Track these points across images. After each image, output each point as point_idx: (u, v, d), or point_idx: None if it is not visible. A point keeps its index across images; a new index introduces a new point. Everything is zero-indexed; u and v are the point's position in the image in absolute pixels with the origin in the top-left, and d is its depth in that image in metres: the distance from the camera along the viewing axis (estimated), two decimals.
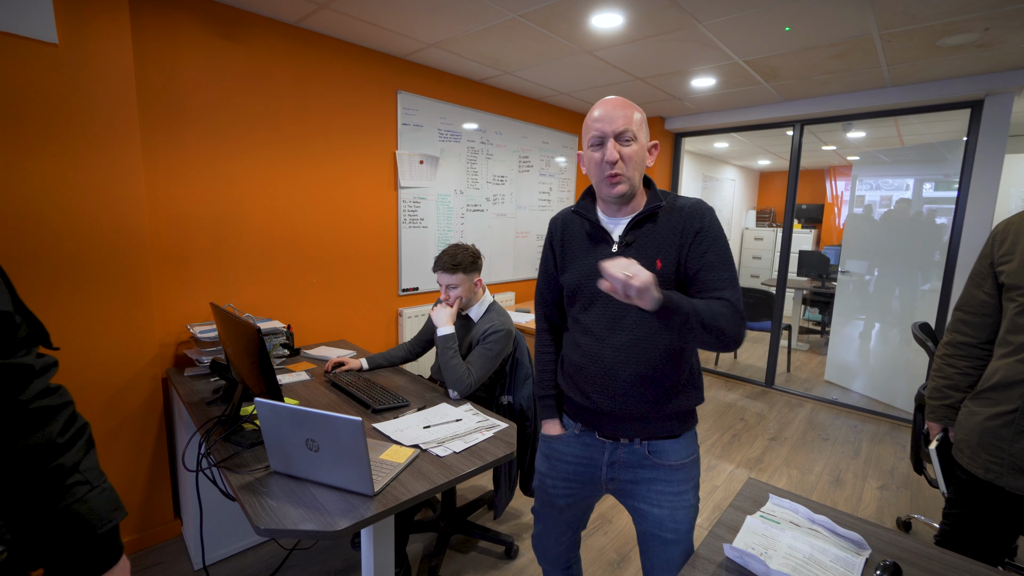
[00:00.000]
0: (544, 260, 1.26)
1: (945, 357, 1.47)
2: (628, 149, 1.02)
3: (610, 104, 1.04)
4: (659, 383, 1.07)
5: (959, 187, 3.11)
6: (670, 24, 2.20)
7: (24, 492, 0.64)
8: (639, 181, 1.06)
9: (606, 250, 1.09)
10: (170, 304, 2.06)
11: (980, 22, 2.07)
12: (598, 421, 1.15)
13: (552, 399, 1.27)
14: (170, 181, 2.02)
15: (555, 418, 1.26)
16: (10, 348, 0.65)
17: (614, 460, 1.14)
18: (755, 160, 6.96)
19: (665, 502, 1.11)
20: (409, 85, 2.82)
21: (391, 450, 1.37)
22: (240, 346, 1.40)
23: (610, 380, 1.08)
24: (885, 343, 3.81)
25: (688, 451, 1.13)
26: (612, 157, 1.01)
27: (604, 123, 1.02)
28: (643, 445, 1.11)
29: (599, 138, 1.04)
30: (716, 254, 1.02)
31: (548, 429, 1.27)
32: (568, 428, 1.23)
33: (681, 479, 1.12)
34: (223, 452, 1.36)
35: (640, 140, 1.04)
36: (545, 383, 1.28)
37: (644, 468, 1.12)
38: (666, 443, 1.11)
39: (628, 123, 1.02)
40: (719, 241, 1.04)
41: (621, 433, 1.12)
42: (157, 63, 1.94)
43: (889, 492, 2.56)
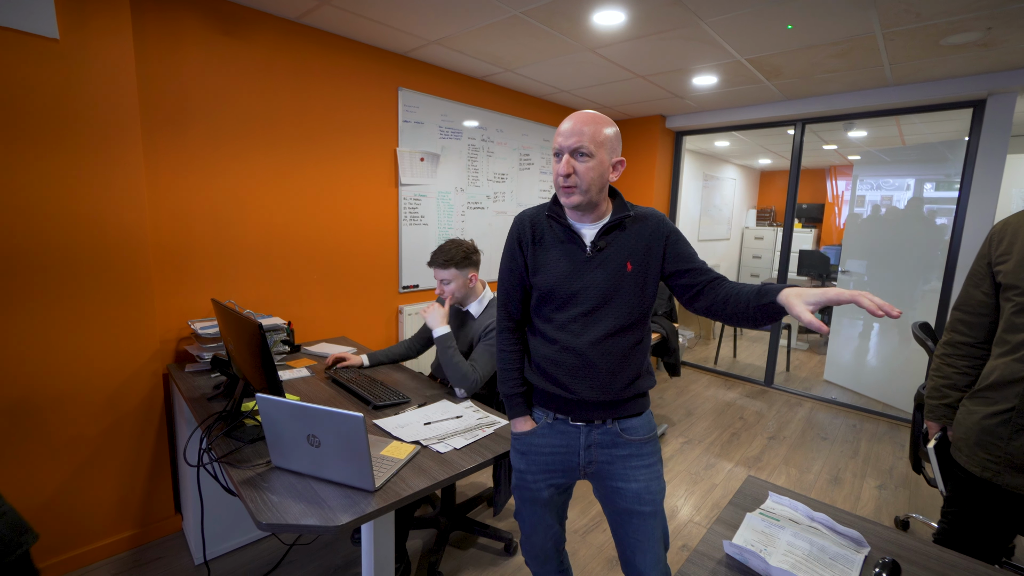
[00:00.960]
0: (511, 258, 1.25)
1: (944, 357, 1.47)
2: (582, 165, 1.09)
3: (576, 119, 1.11)
4: (628, 369, 1.18)
5: (960, 187, 3.11)
6: (672, 22, 2.20)
7: None
8: (596, 193, 1.13)
9: (579, 253, 1.17)
10: (171, 300, 2.07)
11: (983, 21, 2.07)
12: (572, 408, 1.21)
13: (521, 396, 1.28)
14: (171, 178, 2.02)
15: (526, 415, 1.28)
16: None
17: (590, 443, 1.21)
18: (756, 159, 6.95)
19: (640, 475, 1.20)
20: (410, 82, 2.82)
21: (392, 446, 1.38)
22: (242, 342, 1.40)
23: (590, 371, 1.17)
24: (884, 343, 3.82)
25: (650, 426, 1.24)
26: (563, 170, 1.10)
27: (563, 137, 1.11)
28: (614, 424, 1.21)
29: (558, 151, 1.13)
30: (689, 245, 1.20)
31: (520, 426, 1.28)
32: (539, 420, 1.26)
33: (649, 452, 1.22)
34: (224, 447, 1.36)
35: (599, 157, 1.10)
36: (512, 380, 1.28)
37: (618, 446, 1.21)
38: (633, 420, 1.22)
39: (584, 140, 1.08)
40: (684, 237, 1.22)
41: (595, 415, 1.20)
42: (158, 60, 1.94)
43: (887, 491, 2.57)
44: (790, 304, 0.91)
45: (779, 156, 6.47)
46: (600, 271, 1.15)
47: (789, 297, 0.93)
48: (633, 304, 1.16)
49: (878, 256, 3.87)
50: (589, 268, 1.16)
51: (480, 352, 1.81)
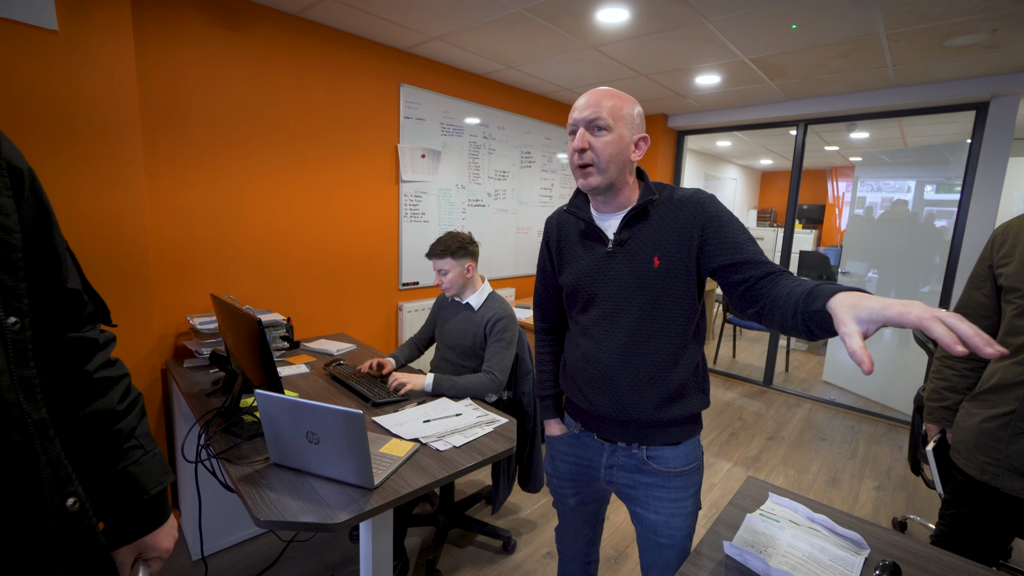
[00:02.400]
0: (541, 260, 1.25)
1: (944, 359, 1.47)
2: (599, 139, 0.97)
3: (591, 93, 1.00)
4: (658, 387, 1.02)
5: (962, 189, 3.10)
6: (676, 20, 2.19)
7: (87, 454, 0.71)
8: (617, 174, 1.00)
9: (601, 249, 1.06)
10: (170, 296, 2.06)
11: (988, 23, 2.06)
12: (597, 423, 1.13)
13: (552, 400, 1.27)
14: (171, 173, 2.01)
15: (556, 418, 1.26)
16: (79, 323, 0.71)
17: (612, 463, 1.13)
18: (757, 159, 6.94)
19: (662, 508, 1.09)
20: (412, 78, 2.81)
21: (391, 444, 1.37)
22: (241, 338, 1.39)
23: (608, 383, 1.05)
24: (884, 344, 3.82)
25: (689, 458, 1.09)
26: (577, 144, 0.98)
27: (578, 110, 1.00)
28: (641, 450, 1.08)
29: (572, 126, 1.01)
30: (739, 232, 0.96)
31: (550, 429, 1.27)
32: (569, 427, 1.23)
33: (679, 486, 1.09)
34: (222, 444, 1.35)
35: (618, 131, 0.98)
36: (545, 383, 1.28)
37: (642, 473, 1.09)
38: (665, 449, 1.07)
39: (601, 111, 0.97)
40: (734, 221, 0.98)
41: (619, 437, 1.10)
42: (158, 54, 1.93)
43: (885, 492, 2.57)
44: (838, 318, 0.64)
45: (780, 156, 6.47)
46: (622, 267, 1.02)
47: (837, 309, 0.65)
48: (662, 307, 1.00)
49: (879, 258, 3.87)
50: (610, 264, 1.04)
51: (492, 352, 1.82)
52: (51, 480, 0.59)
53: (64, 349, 0.69)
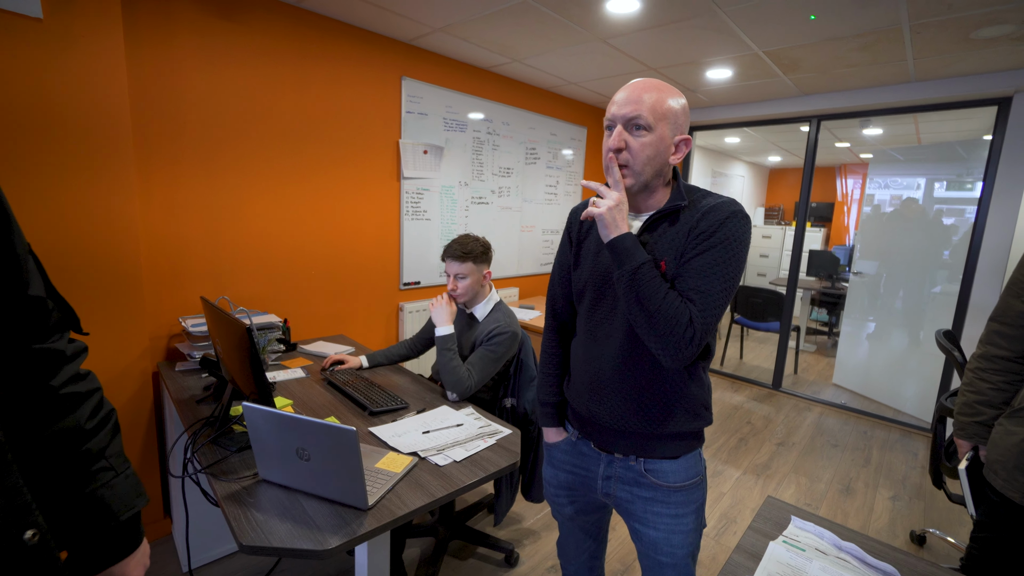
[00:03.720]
0: (561, 250, 1.18)
1: (978, 371, 1.38)
2: (638, 140, 0.91)
3: (633, 86, 0.93)
4: (654, 399, 0.98)
5: (983, 187, 2.99)
6: (689, 10, 2.09)
7: (52, 476, 0.65)
8: (652, 176, 0.94)
9: None
10: (163, 297, 1.99)
11: (1019, 13, 1.95)
12: (595, 431, 1.08)
13: (553, 407, 1.20)
14: (164, 168, 1.94)
15: (555, 425, 1.20)
16: (43, 333, 0.65)
17: (609, 475, 1.08)
18: (766, 156, 6.82)
19: (661, 524, 1.04)
20: (414, 71, 2.72)
21: (387, 458, 1.30)
22: (230, 344, 1.32)
23: (606, 390, 1.02)
24: (897, 347, 3.72)
25: (689, 473, 1.03)
26: (614, 144, 0.92)
27: (617, 105, 0.93)
28: (639, 463, 1.03)
29: (610, 122, 0.95)
30: (708, 260, 0.88)
31: (549, 436, 1.22)
32: (569, 432, 1.17)
33: (679, 501, 1.03)
34: (210, 456, 1.28)
35: (659, 131, 0.91)
36: (548, 387, 1.21)
37: (640, 487, 1.04)
38: (664, 463, 1.02)
39: (642, 108, 0.90)
40: (722, 249, 0.88)
41: (616, 447, 1.05)
42: (151, 44, 1.85)
43: (901, 503, 2.48)
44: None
45: (789, 153, 6.34)
46: None
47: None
48: None
49: (891, 257, 3.76)
50: None
51: (478, 357, 1.73)
52: (5, 511, 0.54)
53: (28, 362, 0.63)
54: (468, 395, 1.70)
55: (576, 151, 3.97)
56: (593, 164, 4.14)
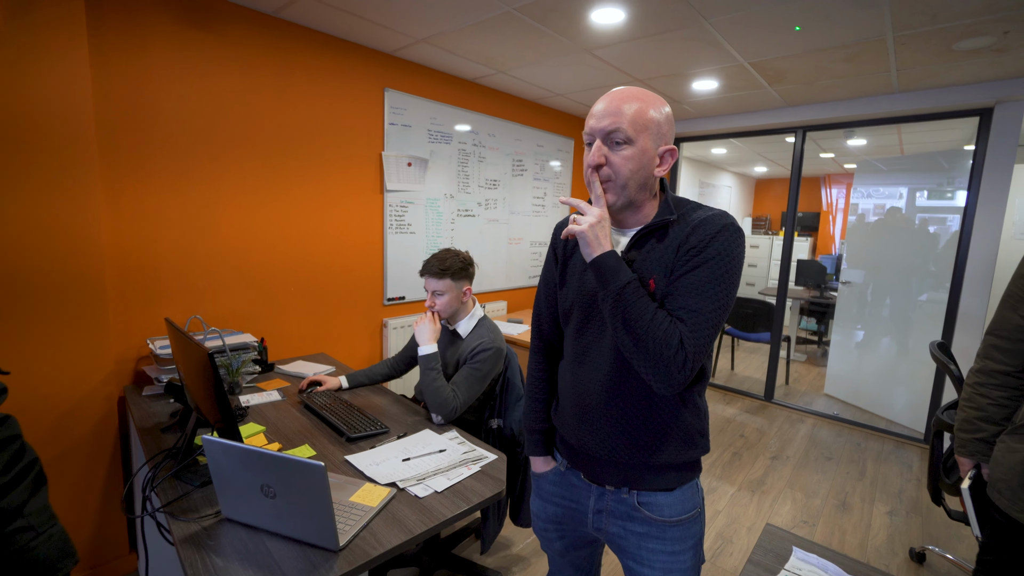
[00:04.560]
0: (546, 268, 1.12)
1: (976, 386, 1.34)
2: (618, 154, 0.86)
3: (612, 96, 0.88)
4: (646, 427, 0.92)
5: (968, 197, 3.01)
6: (674, 21, 2.07)
7: None
8: (636, 190, 0.88)
9: None
10: (131, 316, 1.89)
11: (1001, 24, 1.96)
12: (584, 462, 1.01)
13: (540, 433, 1.13)
14: (133, 181, 1.85)
15: (542, 454, 1.12)
16: None
17: (600, 508, 1.00)
18: (752, 167, 6.88)
19: (657, 562, 0.97)
20: (397, 83, 2.67)
21: (363, 490, 1.21)
22: (192, 370, 1.23)
23: (595, 418, 0.95)
24: (886, 356, 3.71)
25: (686, 506, 0.96)
26: (593, 160, 0.87)
27: (595, 118, 0.88)
28: (632, 495, 0.96)
29: (589, 136, 0.89)
30: (699, 279, 0.82)
31: (536, 466, 1.14)
32: (557, 462, 1.10)
33: (676, 537, 0.96)
34: (171, 492, 1.19)
35: (641, 143, 0.85)
36: (534, 414, 1.14)
37: (633, 521, 0.97)
38: (659, 495, 0.95)
39: (621, 121, 0.84)
40: (714, 265, 0.82)
41: (607, 479, 0.98)
42: (119, 53, 1.77)
43: (899, 518, 2.43)
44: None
45: (775, 164, 6.40)
46: None
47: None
48: None
49: (878, 266, 3.77)
50: None
51: (463, 376, 1.65)
52: None
53: None
54: (454, 417, 1.63)
55: (564, 162, 3.95)
56: (580, 175, 4.11)
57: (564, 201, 0.90)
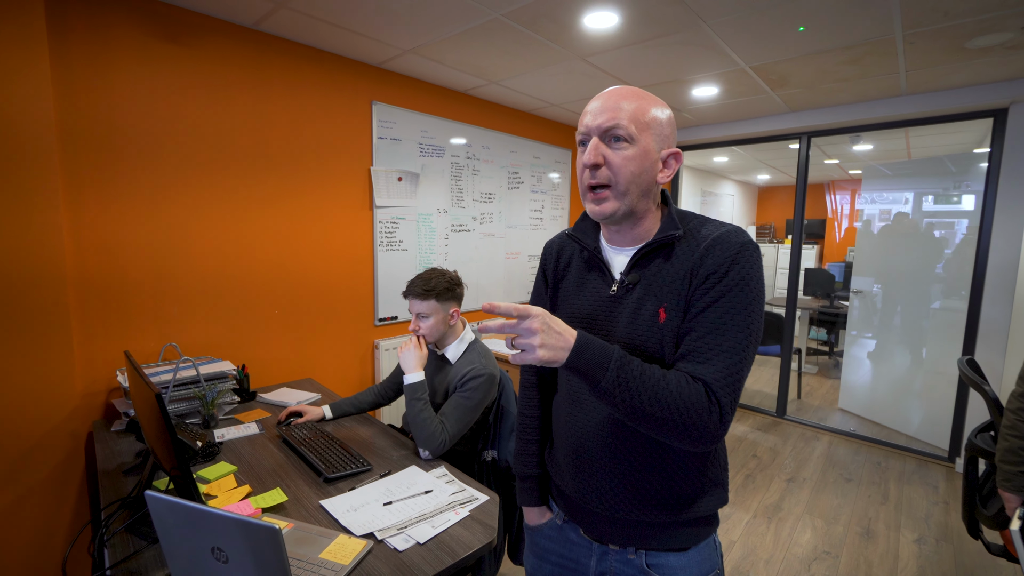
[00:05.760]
0: (536, 291, 1.00)
1: (1020, 412, 1.20)
2: (619, 153, 0.75)
3: (609, 93, 0.78)
4: (654, 481, 0.79)
5: (984, 201, 2.88)
6: (672, 24, 1.97)
7: None
8: (638, 198, 0.78)
9: (604, 290, 0.84)
10: (99, 346, 1.77)
11: (1018, 19, 1.85)
12: (583, 516, 0.88)
13: (534, 480, 0.99)
14: (100, 202, 1.75)
15: (536, 504, 0.99)
16: None
17: (603, 570, 0.87)
18: (755, 175, 6.77)
19: None
20: (385, 95, 2.58)
21: (336, 543, 1.08)
22: (144, 411, 1.11)
23: (590, 468, 0.83)
24: (903, 368, 3.54)
25: (703, 568, 0.83)
26: (589, 159, 0.76)
27: (591, 115, 0.77)
28: (639, 556, 0.83)
29: (583, 136, 0.79)
30: (722, 311, 0.71)
31: (528, 518, 1.01)
32: (554, 513, 0.97)
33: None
34: (121, 549, 1.06)
35: (643, 143, 0.76)
36: (526, 457, 1.01)
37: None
38: (671, 557, 0.82)
39: (620, 117, 0.75)
40: (737, 293, 0.71)
41: (609, 537, 0.85)
42: (85, 67, 1.69)
43: (928, 547, 2.26)
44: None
45: (779, 171, 6.29)
46: (623, 318, 0.80)
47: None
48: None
49: (888, 273, 3.63)
50: (611, 312, 0.82)
51: (453, 406, 1.53)
52: None
53: None
54: (443, 451, 1.49)
55: (561, 174, 3.85)
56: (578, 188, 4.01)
57: (483, 328, 0.71)
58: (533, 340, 0.65)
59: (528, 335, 0.66)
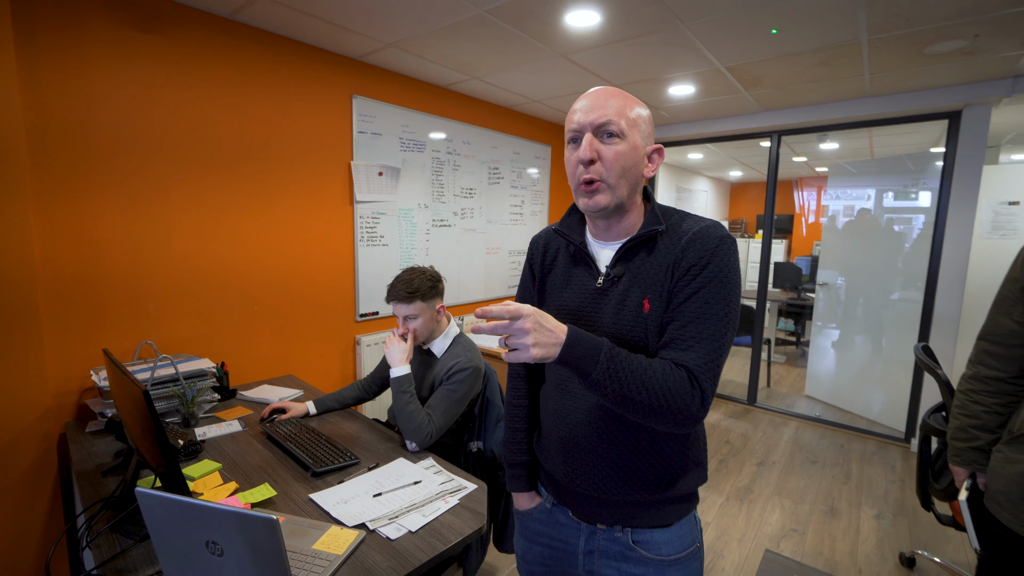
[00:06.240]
0: (523, 285, 1.03)
1: (970, 393, 1.30)
2: (611, 148, 0.79)
3: (595, 93, 0.82)
4: (640, 463, 0.84)
5: (939, 199, 3.05)
6: (651, 24, 2.02)
7: None
8: (628, 192, 0.82)
9: (589, 282, 0.88)
10: (72, 344, 1.72)
11: (972, 27, 1.97)
12: (571, 499, 0.92)
13: (523, 467, 1.03)
14: (73, 199, 1.69)
15: (526, 490, 1.03)
16: None
17: (591, 549, 0.91)
18: (728, 171, 6.95)
19: None
20: (365, 89, 2.56)
21: (329, 534, 1.09)
22: (129, 409, 1.10)
23: (582, 452, 0.87)
24: (864, 356, 3.73)
25: (685, 541, 0.89)
26: (585, 155, 0.79)
27: (582, 113, 0.81)
28: (625, 533, 0.88)
29: (575, 132, 0.82)
30: (702, 301, 0.76)
31: (519, 503, 1.04)
32: (543, 497, 1.00)
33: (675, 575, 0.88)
34: (107, 549, 1.05)
35: (632, 139, 0.80)
36: (515, 445, 1.04)
37: (629, 562, 0.88)
38: (655, 533, 0.87)
39: (612, 114, 0.79)
40: (716, 285, 0.76)
41: (598, 517, 0.89)
42: (52, 58, 1.62)
43: (886, 521, 2.41)
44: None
45: (750, 168, 6.48)
46: (609, 309, 0.84)
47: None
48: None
49: (852, 267, 3.81)
50: (598, 304, 0.85)
51: (439, 399, 1.55)
52: None
53: None
54: (430, 443, 1.52)
55: (541, 169, 3.88)
56: (558, 182, 4.05)
57: (476, 330, 0.71)
58: (526, 340, 0.68)
59: (521, 335, 0.68)
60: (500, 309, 0.68)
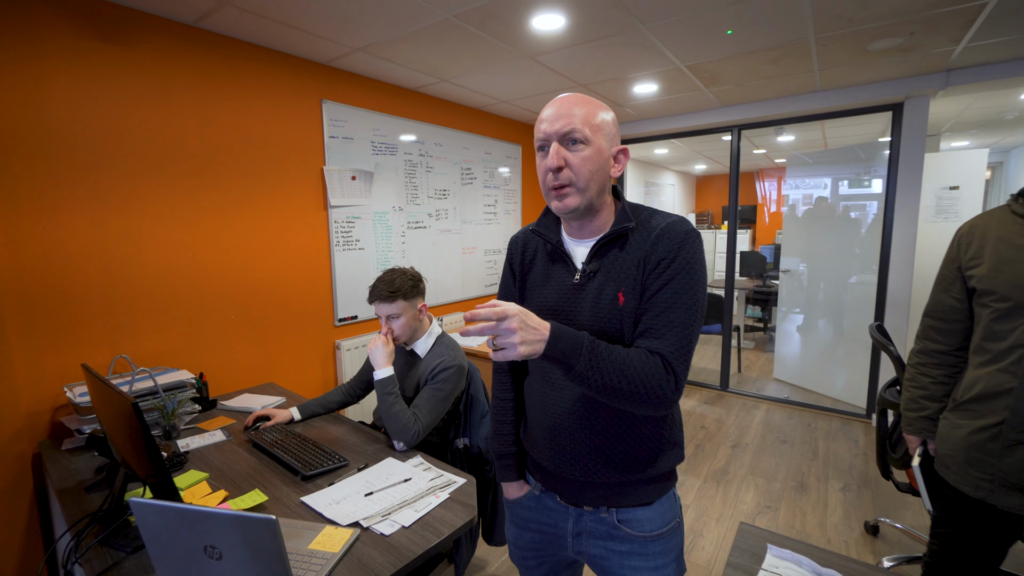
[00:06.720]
0: (504, 284, 1.08)
1: (918, 366, 1.41)
2: (577, 155, 0.84)
3: (560, 101, 0.87)
4: (622, 447, 0.90)
5: (887, 186, 3.24)
6: (614, 27, 2.10)
7: None
8: (597, 193, 0.88)
9: (568, 279, 0.93)
10: (42, 361, 1.68)
11: (907, 26, 2.12)
12: (558, 484, 0.98)
13: (511, 457, 1.08)
14: (36, 210, 1.65)
15: (515, 479, 1.08)
16: None
17: (579, 530, 0.97)
18: (693, 165, 7.16)
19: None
20: (335, 94, 2.56)
21: (324, 534, 1.12)
22: (115, 422, 1.10)
23: (567, 439, 0.92)
24: (826, 338, 3.93)
25: (666, 517, 0.95)
26: (552, 163, 0.85)
27: (548, 122, 0.86)
28: (611, 513, 0.94)
29: (543, 141, 0.87)
30: (672, 293, 0.82)
31: (509, 492, 1.09)
32: (531, 485, 1.06)
33: (658, 551, 0.94)
34: (99, 562, 1.05)
35: (597, 143, 0.85)
36: (503, 437, 1.09)
37: (615, 540, 0.95)
38: (638, 511, 0.93)
39: (576, 122, 0.84)
40: (684, 276, 0.83)
41: (585, 500, 0.95)
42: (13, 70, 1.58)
43: (851, 493, 2.56)
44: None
45: (714, 161, 6.69)
46: (586, 304, 0.89)
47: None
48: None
49: (812, 253, 4.00)
50: (576, 299, 0.90)
51: (425, 398, 1.58)
52: None
53: None
54: (417, 442, 1.55)
55: (512, 168, 3.93)
56: (530, 181, 4.11)
57: (464, 332, 0.75)
58: (513, 339, 0.72)
59: (508, 335, 0.72)
60: (487, 311, 0.72)
